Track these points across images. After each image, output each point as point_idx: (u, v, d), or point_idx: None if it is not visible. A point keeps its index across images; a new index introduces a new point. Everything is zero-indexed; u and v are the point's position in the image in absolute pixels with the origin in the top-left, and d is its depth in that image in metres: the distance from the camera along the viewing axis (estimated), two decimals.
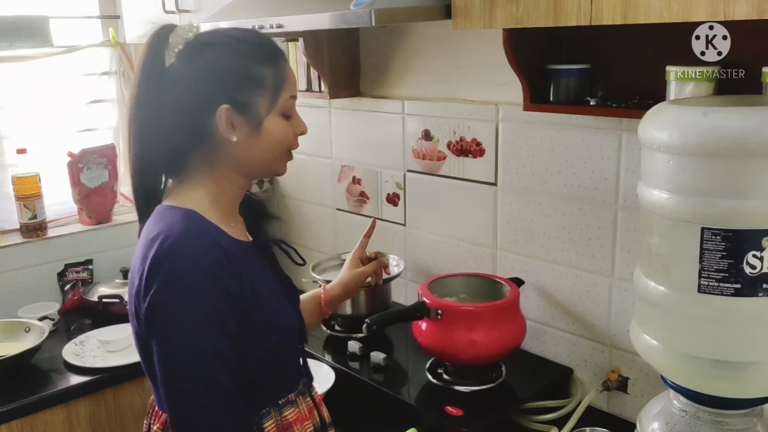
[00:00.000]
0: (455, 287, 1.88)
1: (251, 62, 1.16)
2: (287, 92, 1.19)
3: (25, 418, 1.88)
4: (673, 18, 1.17)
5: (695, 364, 1.13)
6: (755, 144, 1.01)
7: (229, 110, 1.14)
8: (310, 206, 2.51)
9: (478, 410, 1.63)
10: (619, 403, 1.74)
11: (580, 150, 1.70)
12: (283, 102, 1.18)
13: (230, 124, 1.15)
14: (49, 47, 2.45)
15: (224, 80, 1.15)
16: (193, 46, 1.16)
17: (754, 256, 1.04)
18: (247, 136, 1.17)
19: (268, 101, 1.17)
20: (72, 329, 2.32)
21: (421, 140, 2.09)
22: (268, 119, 1.17)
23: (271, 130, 1.18)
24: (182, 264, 1.08)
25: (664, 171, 1.12)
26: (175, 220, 1.13)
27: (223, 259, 1.11)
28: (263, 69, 1.16)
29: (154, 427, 1.25)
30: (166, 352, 1.10)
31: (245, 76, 1.15)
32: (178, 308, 1.08)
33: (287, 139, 1.21)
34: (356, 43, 2.23)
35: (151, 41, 1.17)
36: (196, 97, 1.15)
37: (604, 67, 1.59)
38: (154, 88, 1.15)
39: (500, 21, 1.43)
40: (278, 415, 1.25)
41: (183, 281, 1.08)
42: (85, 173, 2.54)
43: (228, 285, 1.11)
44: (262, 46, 1.19)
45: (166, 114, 1.15)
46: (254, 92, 1.15)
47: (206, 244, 1.11)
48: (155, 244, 1.10)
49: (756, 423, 1.20)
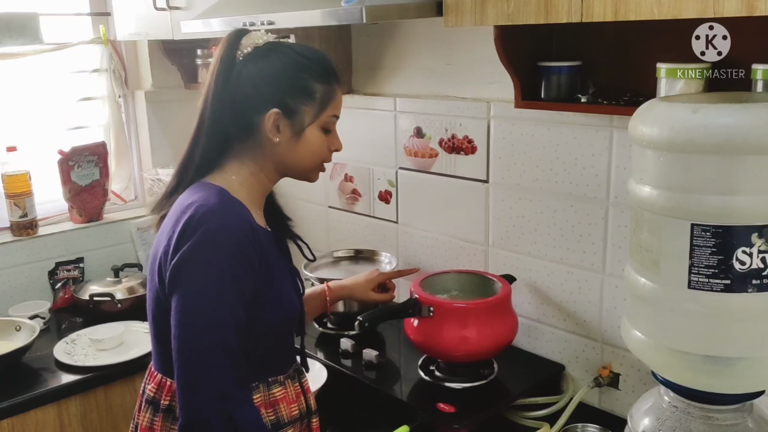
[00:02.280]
0: (447, 284, 1.88)
1: (307, 75, 1.28)
2: (332, 110, 1.32)
3: (16, 417, 1.87)
4: (663, 15, 1.18)
5: (686, 360, 1.14)
6: (744, 140, 1.02)
7: (277, 114, 1.26)
8: (303, 204, 2.51)
9: (470, 407, 1.64)
10: (610, 399, 1.75)
11: (572, 147, 1.70)
12: (325, 117, 1.31)
13: (276, 127, 1.27)
14: (40, 44, 2.44)
15: (280, 85, 1.26)
16: (261, 50, 1.28)
17: (743, 252, 1.05)
18: (288, 140, 1.28)
19: (313, 113, 1.29)
20: (63, 328, 2.31)
21: (413, 137, 2.09)
22: (309, 129, 1.29)
23: (309, 139, 1.30)
24: (214, 230, 1.18)
25: (654, 167, 1.12)
26: (210, 193, 1.24)
27: (250, 234, 1.21)
28: (316, 83, 1.28)
29: (149, 387, 1.34)
30: (185, 306, 1.17)
31: (299, 85, 1.27)
32: (205, 268, 1.17)
33: (322, 151, 1.33)
34: (348, 40, 2.22)
35: (228, 41, 1.29)
36: (254, 95, 1.26)
37: (595, 65, 1.60)
38: (223, 80, 1.27)
39: (491, 18, 1.43)
40: (266, 391, 1.32)
41: (213, 245, 1.17)
42: (75, 171, 2.52)
43: (251, 257, 1.20)
44: (321, 63, 1.30)
45: (227, 104, 1.27)
46: (303, 102, 1.27)
47: (237, 217, 1.21)
48: (190, 210, 1.20)
49: (746, 418, 1.21)
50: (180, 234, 1.18)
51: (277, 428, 1.32)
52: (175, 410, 1.27)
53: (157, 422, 1.31)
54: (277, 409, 1.32)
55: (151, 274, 1.28)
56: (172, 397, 1.29)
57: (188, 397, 1.15)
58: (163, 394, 1.31)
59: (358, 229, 2.35)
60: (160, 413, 1.31)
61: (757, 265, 1.05)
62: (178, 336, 1.16)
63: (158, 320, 1.28)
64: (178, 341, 1.16)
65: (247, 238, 1.20)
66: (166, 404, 1.30)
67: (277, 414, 1.32)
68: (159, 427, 1.31)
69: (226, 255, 1.17)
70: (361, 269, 2.13)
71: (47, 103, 2.57)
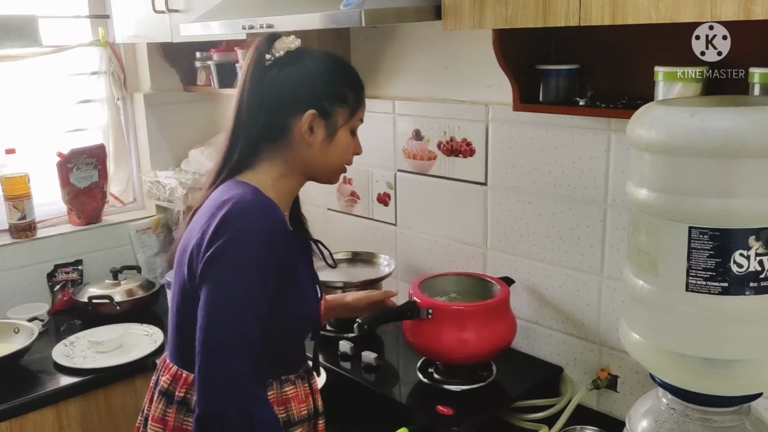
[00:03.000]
0: (446, 286, 1.89)
1: (340, 80, 1.34)
2: (360, 114, 1.38)
3: (15, 420, 1.87)
4: (661, 19, 1.18)
5: (684, 362, 1.14)
6: (741, 144, 1.02)
7: (314, 115, 1.30)
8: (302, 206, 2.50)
9: (469, 409, 1.64)
10: (608, 402, 1.75)
11: (570, 150, 1.71)
12: (355, 121, 1.37)
13: (310, 128, 1.30)
14: (38, 47, 2.44)
15: (316, 88, 1.31)
16: (294, 55, 1.32)
17: (741, 255, 1.05)
18: (321, 142, 1.32)
19: (347, 115, 1.34)
20: (62, 330, 2.31)
21: (411, 140, 2.09)
22: (341, 131, 1.34)
23: (340, 141, 1.35)
24: (251, 226, 1.20)
25: (652, 170, 1.12)
26: (246, 191, 1.26)
27: (284, 234, 1.25)
28: (348, 88, 1.34)
29: (163, 378, 1.35)
30: (214, 300, 1.18)
31: (334, 89, 1.32)
32: (237, 264, 1.19)
33: (348, 153, 1.39)
34: (347, 43, 2.23)
35: (259, 45, 1.32)
36: (289, 97, 1.30)
37: (593, 68, 1.60)
38: (257, 83, 1.30)
39: (490, 21, 1.44)
40: (279, 389, 1.34)
41: (248, 242, 1.20)
42: (74, 173, 2.53)
43: (282, 257, 1.23)
44: (350, 71, 1.38)
45: (261, 107, 1.30)
46: (337, 104, 1.32)
47: (273, 216, 1.24)
48: (226, 206, 1.22)
49: (743, 420, 1.21)
50: (216, 228, 1.20)
51: (288, 426, 1.34)
52: (189, 403, 1.28)
53: (171, 414, 1.32)
54: (288, 408, 1.34)
55: (180, 266, 1.29)
56: (187, 390, 1.30)
57: (207, 389, 1.16)
58: (179, 386, 1.31)
59: (356, 232, 2.35)
60: (174, 405, 1.31)
61: (755, 268, 1.06)
62: (203, 328, 1.18)
63: (182, 312, 1.30)
64: (203, 333, 1.18)
65: (280, 238, 1.23)
66: (181, 396, 1.31)
67: (288, 412, 1.34)
68: (172, 418, 1.31)
69: (259, 253, 1.20)
70: (359, 272, 2.13)
71: (46, 106, 2.57)
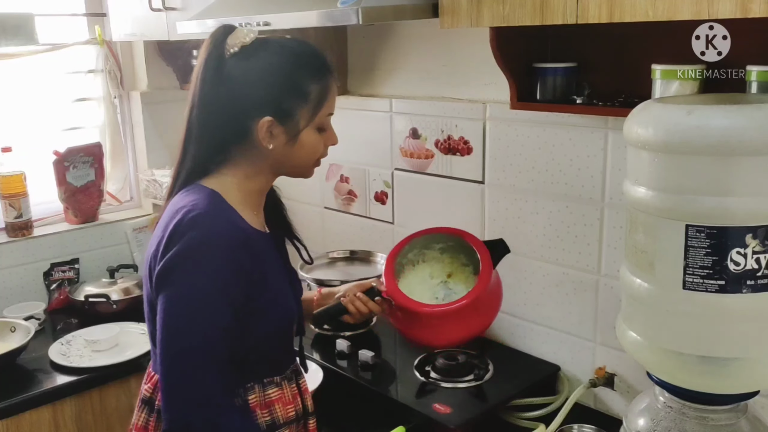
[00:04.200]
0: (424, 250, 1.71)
1: (299, 74, 1.23)
2: (327, 109, 1.27)
3: (11, 419, 1.87)
4: (659, 17, 1.18)
5: (680, 361, 1.14)
6: (739, 142, 1.02)
7: (270, 122, 1.22)
8: (298, 205, 2.50)
9: (466, 408, 1.64)
10: (605, 400, 1.75)
11: (567, 148, 1.71)
12: (320, 117, 1.26)
13: (269, 133, 1.23)
14: (35, 45, 2.43)
15: (272, 89, 1.22)
16: (249, 49, 1.22)
17: (738, 253, 1.05)
18: (283, 146, 1.25)
19: (308, 115, 1.24)
20: (58, 329, 2.30)
21: (408, 139, 2.09)
22: (304, 132, 1.25)
23: (305, 142, 1.26)
24: (202, 234, 1.16)
25: (649, 169, 1.12)
26: (201, 197, 1.21)
27: (241, 238, 1.20)
28: (309, 83, 1.23)
29: (145, 386, 1.35)
30: (169, 310, 1.15)
31: (291, 87, 1.22)
32: (191, 273, 1.15)
33: (317, 151, 1.29)
34: (344, 41, 2.22)
35: (214, 38, 1.23)
36: (245, 99, 1.22)
37: (590, 66, 1.60)
38: (211, 82, 1.23)
39: (487, 19, 1.44)
40: (262, 392, 1.31)
41: (199, 250, 1.16)
42: (71, 172, 2.52)
43: (241, 262, 1.18)
44: (313, 59, 1.25)
45: (217, 108, 1.23)
46: (297, 104, 1.23)
47: (226, 222, 1.19)
48: (179, 215, 1.18)
49: (740, 418, 1.21)
50: (168, 238, 1.17)
51: (273, 429, 1.31)
52: None
53: (152, 422, 1.31)
54: (272, 410, 1.32)
55: (145, 277, 1.27)
56: None
57: (171, 402, 1.14)
58: (159, 395, 1.31)
59: (353, 230, 2.35)
60: (155, 413, 1.31)
61: (752, 266, 1.06)
62: (161, 339, 1.15)
63: (152, 322, 1.27)
64: (162, 345, 1.15)
65: (237, 244, 1.18)
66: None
67: (272, 415, 1.32)
68: (153, 427, 1.31)
69: (212, 261, 1.15)
70: (356, 270, 2.13)
71: (42, 104, 2.56)
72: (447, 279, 1.69)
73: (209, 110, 1.23)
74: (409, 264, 1.70)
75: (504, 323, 1.94)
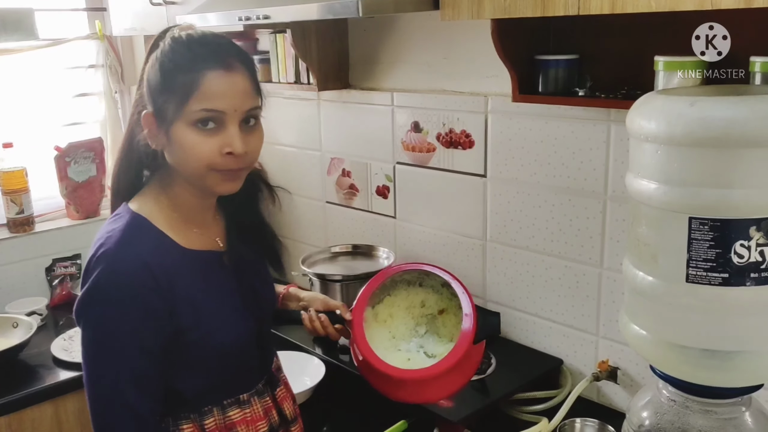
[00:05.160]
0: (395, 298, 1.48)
1: (167, 66, 1.12)
2: (197, 102, 1.10)
3: (13, 414, 1.87)
4: (661, 7, 1.17)
5: (684, 354, 1.14)
6: (742, 133, 1.01)
7: (148, 115, 1.14)
8: (300, 199, 2.50)
9: (468, 402, 1.63)
10: (608, 394, 1.75)
11: (569, 141, 1.70)
12: (190, 111, 1.10)
13: (150, 130, 1.15)
14: (35, 40, 2.43)
15: (149, 84, 1.14)
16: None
17: (741, 246, 1.05)
18: (164, 144, 1.15)
19: (175, 105, 1.11)
20: (60, 324, 2.31)
21: (410, 132, 2.08)
22: (175, 127, 1.12)
23: (179, 139, 1.12)
24: (108, 273, 1.10)
25: (651, 161, 1.11)
26: (119, 227, 1.15)
27: (148, 280, 1.11)
28: (176, 74, 1.11)
29: None
30: (83, 354, 1.13)
31: (159, 79, 1.12)
32: (99, 314, 1.11)
33: (204, 155, 1.12)
34: (344, 34, 2.21)
35: (154, 42, 1.17)
36: (140, 97, 1.16)
37: (592, 58, 1.59)
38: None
39: (488, 11, 1.43)
40: (221, 415, 1.24)
41: (106, 290, 1.10)
42: (72, 167, 2.52)
43: (150, 305, 1.11)
44: (186, 49, 1.12)
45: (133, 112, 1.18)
46: (164, 96, 1.12)
47: (132, 262, 1.11)
48: (94, 248, 1.14)
49: (744, 411, 1.20)
50: (84, 272, 1.15)
51: None
52: None
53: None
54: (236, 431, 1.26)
55: None
56: None
57: None
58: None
59: (355, 225, 2.34)
60: None
61: (756, 259, 1.05)
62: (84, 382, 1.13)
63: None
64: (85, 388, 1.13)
65: (142, 286, 1.10)
66: None
67: None
68: None
69: (119, 303, 1.10)
70: (358, 265, 2.13)
71: (43, 100, 2.57)
72: (437, 315, 1.44)
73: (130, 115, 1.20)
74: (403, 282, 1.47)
75: (507, 317, 1.93)
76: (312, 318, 1.43)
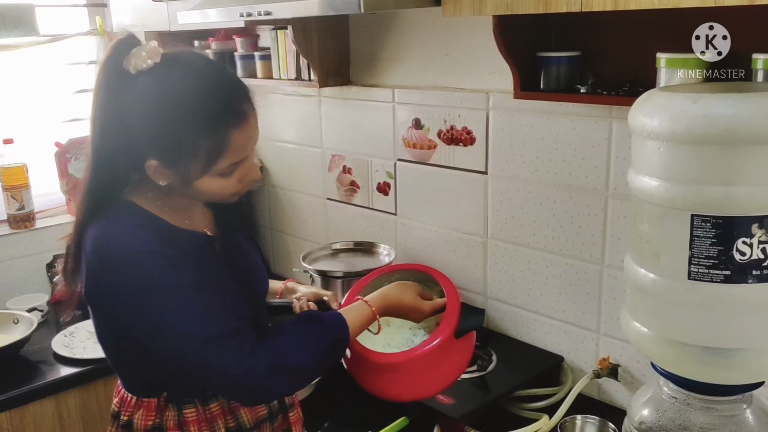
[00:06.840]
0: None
1: (185, 127, 1.07)
2: (228, 159, 1.10)
3: (14, 410, 1.87)
4: (664, 4, 1.17)
5: (685, 351, 1.14)
6: (745, 131, 1.01)
7: (157, 165, 1.11)
8: (301, 196, 2.50)
9: (469, 399, 1.63)
10: (609, 391, 1.75)
11: (571, 138, 1.70)
12: (220, 168, 1.11)
13: (158, 174, 1.13)
14: (35, 36, 2.43)
15: (156, 135, 1.09)
16: (148, 75, 1.10)
17: (743, 243, 1.05)
18: (179, 185, 1.14)
19: (199, 168, 1.10)
20: (61, 320, 2.30)
21: (411, 129, 2.08)
22: (200, 181, 1.12)
23: (203, 187, 1.13)
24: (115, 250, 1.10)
25: (654, 158, 1.11)
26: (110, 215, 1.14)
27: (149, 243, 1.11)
28: (198, 137, 1.07)
29: (114, 401, 1.33)
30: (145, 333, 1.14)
31: (175, 139, 1.08)
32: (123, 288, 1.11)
33: (225, 191, 1.16)
34: (346, 31, 2.21)
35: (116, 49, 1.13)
36: (136, 133, 1.10)
37: (594, 55, 1.59)
38: (111, 98, 1.13)
39: (490, 8, 1.42)
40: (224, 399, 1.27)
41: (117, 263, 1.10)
42: (73, 163, 2.52)
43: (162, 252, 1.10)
44: (206, 105, 1.08)
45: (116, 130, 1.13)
46: (183, 158, 1.09)
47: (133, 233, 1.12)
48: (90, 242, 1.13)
49: (745, 409, 1.21)
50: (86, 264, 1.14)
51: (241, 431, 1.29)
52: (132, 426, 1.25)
53: None
54: (237, 415, 1.29)
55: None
56: (131, 413, 1.26)
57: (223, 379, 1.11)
58: (124, 409, 1.28)
59: (356, 221, 2.34)
60: (121, 428, 1.28)
61: (758, 256, 1.05)
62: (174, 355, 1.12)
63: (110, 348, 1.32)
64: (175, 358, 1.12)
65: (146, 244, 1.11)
66: (125, 419, 1.27)
67: (237, 420, 1.29)
68: None
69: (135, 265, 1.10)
70: (359, 261, 2.13)
71: (44, 96, 2.56)
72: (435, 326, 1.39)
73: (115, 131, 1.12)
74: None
75: (507, 314, 1.93)
76: (302, 306, 1.45)
